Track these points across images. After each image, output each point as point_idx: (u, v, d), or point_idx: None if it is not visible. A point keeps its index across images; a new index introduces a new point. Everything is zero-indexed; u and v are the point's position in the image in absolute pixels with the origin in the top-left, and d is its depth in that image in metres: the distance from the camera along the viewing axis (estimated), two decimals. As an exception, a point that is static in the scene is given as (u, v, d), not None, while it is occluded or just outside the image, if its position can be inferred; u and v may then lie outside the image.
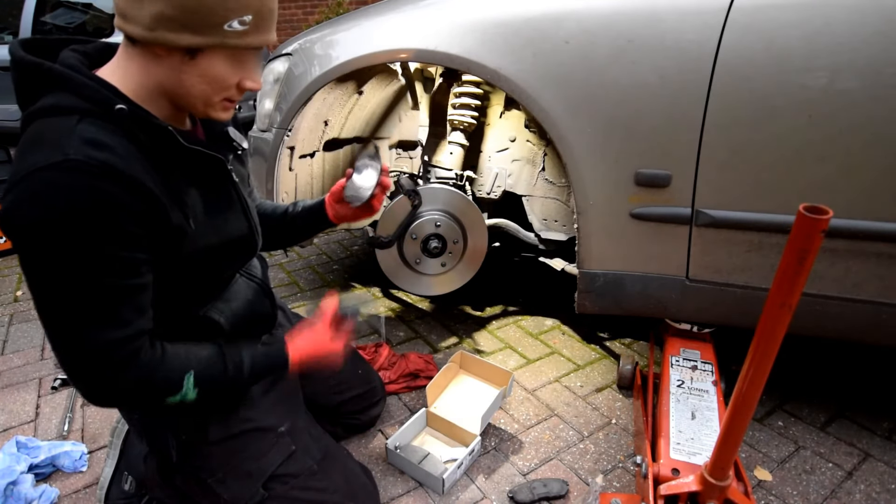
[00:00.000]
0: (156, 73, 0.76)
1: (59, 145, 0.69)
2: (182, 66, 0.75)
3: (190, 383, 0.84)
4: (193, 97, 0.78)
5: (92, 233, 0.70)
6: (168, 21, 0.70)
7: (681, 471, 1.07)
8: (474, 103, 1.68)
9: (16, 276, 2.38)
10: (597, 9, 1.25)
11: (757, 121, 1.16)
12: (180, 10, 0.69)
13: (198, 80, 0.76)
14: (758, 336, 0.78)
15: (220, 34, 0.73)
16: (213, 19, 0.71)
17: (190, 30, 0.71)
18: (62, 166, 0.67)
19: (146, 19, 0.70)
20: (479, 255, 1.72)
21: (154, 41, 0.71)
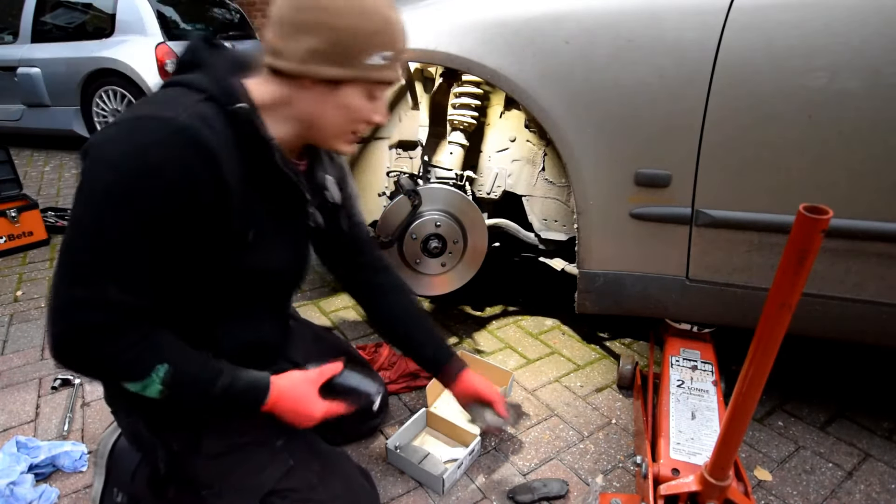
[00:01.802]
0: (296, 102, 0.83)
1: (176, 108, 0.74)
2: (324, 96, 0.82)
3: (158, 376, 0.80)
4: (327, 126, 0.85)
5: (159, 193, 0.72)
6: (318, 55, 0.78)
7: (681, 471, 1.07)
8: (474, 103, 1.67)
9: (16, 276, 2.38)
10: (597, 9, 1.25)
11: (757, 121, 1.16)
12: (332, 45, 0.77)
13: (335, 110, 0.83)
14: (758, 336, 0.78)
15: (362, 68, 0.80)
16: (358, 54, 0.79)
17: (337, 63, 0.79)
18: (169, 123, 0.72)
19: (300, 54, 0.78)
20: (479, 255, 1.72)
21: (304, 73, 0.79)
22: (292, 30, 0.78)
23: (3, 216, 2.53)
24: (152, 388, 0.81)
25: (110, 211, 0.72)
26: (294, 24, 0.77)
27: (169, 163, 0.72)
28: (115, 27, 4.42)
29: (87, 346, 0.76)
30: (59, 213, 3.08)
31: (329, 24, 0.76)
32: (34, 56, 4.63)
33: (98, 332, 0.75)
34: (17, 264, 2.50)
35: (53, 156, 4.84)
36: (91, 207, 0.73)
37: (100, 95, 4.55)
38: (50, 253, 2.63)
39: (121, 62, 4.33)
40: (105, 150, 0.72)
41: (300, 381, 0.98)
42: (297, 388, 0.97)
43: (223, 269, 0.85)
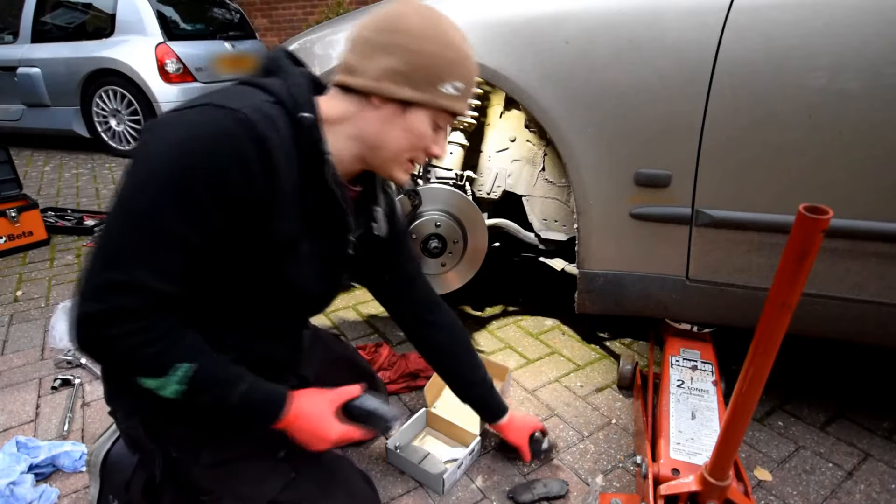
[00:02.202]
0: (363, 120, 0.83)
1: (243, 102, 0.73)
2: (391, 116, 0.82)
3: (178, 374, 0.76)
4: (388, 149, 0.84)
5: (210, 180, 0.70)
6: (395, 75, 0.79)
7: (681, 471, 1.07)
8: (474, 103, 1.67)
9: (16, 276, 2.38)
10: (597, 9, 1.25)
11: (757, 121, 1.16)
12: (410, 66, 0.78)
13: (400, 132, 0.83)
14: (758, 336, 0.78)
15: (435, 94, 0.81)
16: (433, 79, 0.80)
17: (412, 85, 0.79)
18: (232, 113, 0.71)
19: (375, 72, 0.79)
20: (479, 255, 1.72)
21: (377, 91, 0.79)
22: (372, 49, 0.79)
23: (3, 216, 2.53)
24: (170, 388, 0.77)
25: (158, 193, 0.69)
26: (375, 44, 0.79)
27: (225, 150, 0.70)
28: (115, 27, 4.42)
29: (114, 331, 0.71)
30: (59, 213, 3.09)
31: (411, 47, 0.78)
32: (34, 56, 4.63)
33: (128, 318, 0.71)
34: (17, 264, 2.50)
35: (53, 156, 4.84)
36: (139, 188, 0.70)
37: (100, 95, 4.56)
38: (50, 253, 2.63)
39: (121, 62, 4.33)
40: (164, 130, 0.71)
41: (319, 400, 0.93)
42: (316, 407, 0.91)
43: (254, 276, 0.82)
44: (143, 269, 0.71)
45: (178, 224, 0.71)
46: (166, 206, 0.70)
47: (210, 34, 4.90)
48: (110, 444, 1.08)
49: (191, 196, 0.70)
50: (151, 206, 0.69)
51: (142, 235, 0.70)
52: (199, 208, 0.71)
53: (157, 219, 0.70)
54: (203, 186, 0.70)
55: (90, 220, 2.97)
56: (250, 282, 0.83)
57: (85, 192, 3.69)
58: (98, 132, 4.71)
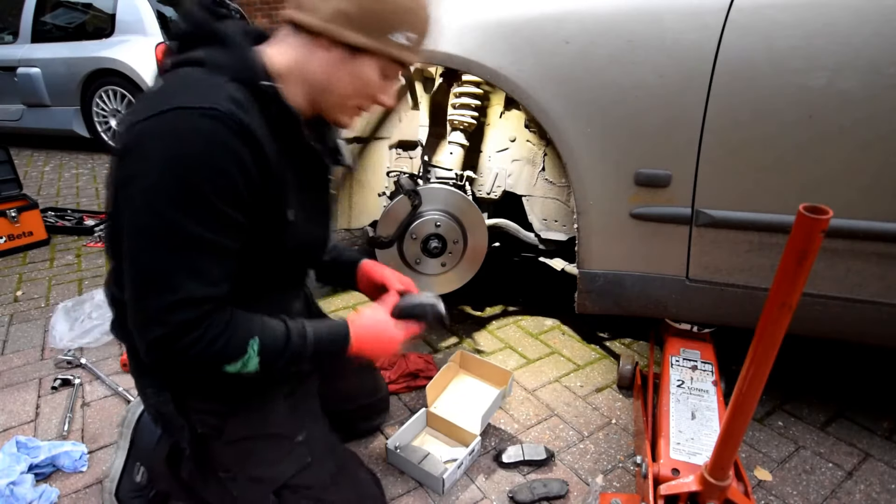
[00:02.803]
0: (311, 61, 0.82)
1: (208, 95, 0.73)
2: (340, 61, 0.81)
3: (254, 349, 0.82)
4: (335, 94, 0.84)
5: (212, 183, 0.72)
6: (346, 17, 0.77)
7: (681, 471, 1.07)
8: (474, 103, 1.67)
9: (16, 276, 2.39)
10: (597, 9, 1.25)
11: (757, 121, 1.16)
12: (362, 10, 0.77)
13: (348, 78, 0.82)
14: (758, 336, 0.78)
15: (384, 42, 0.80)
16: (384, 26, 0.79)
17: (362, 30, 0.78)
18: (209, 113, 0.71)
19: (326, 11, 0.77)
20: (479, 255, 1.72)
21: (326, 32, 0.78)
22: None
23: (3, 216, 2.53)
24: (251, 364, 0.82)
25: (175, 212, 0.72)
26: None
27: (218, 153, 0.72)
28: (115, 27, 4.42)
29: (186, 344, 0.76)
30: (59, 213, 3.09)
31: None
32: (34, 56, 4.63)
33: (192, 328, 0.76)
34: (17, 264, 2.50)
35: (53, 156, 4.84)
36: (154, 212, 0.72)
37: (100, 95, 4.55)
38: (50, 253, 2.63)
39: (121, 62, 4.33)
40: (153, 148, 0.71)
41: (374, 315, 0.99)
42: (375, 321, 0.98)
43: (268, 249, 0.85)
44: (190, 283, 0.75)
45: (205, 233, 0.74)
46: (187, 221, 0.72)
47: None
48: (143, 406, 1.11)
49: (205, 204, 0.73)
50: (174, 225, 0.72)
51: (177, 254, 0.73)
52: (216, 213, 0.74)
53: (184, 235, 0.73)
54: (212, 192, 0.73)
55: (90, 220, 2.97)
56: (265, 255, 0.86)
57: (85, 192, 3.69)
58: (98, 132, 4.71)
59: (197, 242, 0.74)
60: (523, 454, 1.30)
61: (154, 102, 0.74)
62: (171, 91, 0.75)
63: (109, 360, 1.73)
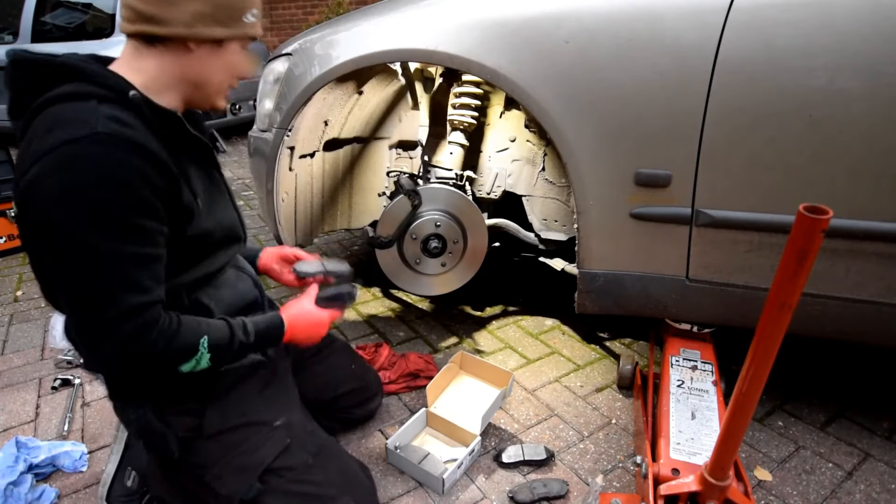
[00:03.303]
0: (179, 65, 0.87)
1: (85, 121, 0.75)
2: (209, 56, 0.87)
3: (204, 347, 0.89)
4: (211, 84, 0.91)
5: (118, 201, 0.76)
6: (204, 17, 0.83)
7: (681, 471, 1.07)
8: (474, 103, 1.68)
9: (16, 276, 2.38)
10: (597, 8, 1.25)
11: (757, 120, 1.16)
12: (215, 7, 0.83)
13: (219, 68, 0.90)
14: (758, 336, 0.78)
15: (240, 25, 0.88)
16: (236, 13, 0.87)
17: (221, 24, 0.85)
18: (91, 138, 0.74)
19: (185, 17, 0.82)
20: (479, 255, 1.72)
21: (192, 36, 0.84)
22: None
23: (3, 216, 2.53)
24: (203, 360, 0.89)
25: (93, 237, 0.75)
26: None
27: (112, 172, 0.75)
28: (115, 27, 4.41)
29: (139, 351, 0.82)
30: (59, 213, 3.08)
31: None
32: (34, 56, 4.63)
33: (141, 335, 0.81)
34: (17, 264, 2.50)
35: (53, 156, 4.85)
36: (73, 243, 0.75)
37: (100, 95, 4.56)
38: (50, 253, 2.63)
39: (121, 62, 4.33)
40: (48, 192, 0.74)
41: (299, 302, 1.09)
42: (303, 310, 1.08)
43: (184, 242, 0.89)
44: (126, 296, 0.79)
45: (126, 247, 0.78)
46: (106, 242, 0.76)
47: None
48: None
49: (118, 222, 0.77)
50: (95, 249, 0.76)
51: (106, 273, 0.78)
52: (131, 227, 0.78)
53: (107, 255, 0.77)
54: (122, 209, 0.76)
55: (90, 220, 2.97)
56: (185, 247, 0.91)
57: (85, 192, 3.68)
58: (98, 132, 4.71)
59: (120, 258, 0.78)
60: (523, 454, 1.30)
61: (33, 151, 0.75)
62: (44, 133, 0.76)
63: (109, 360, 1.73)
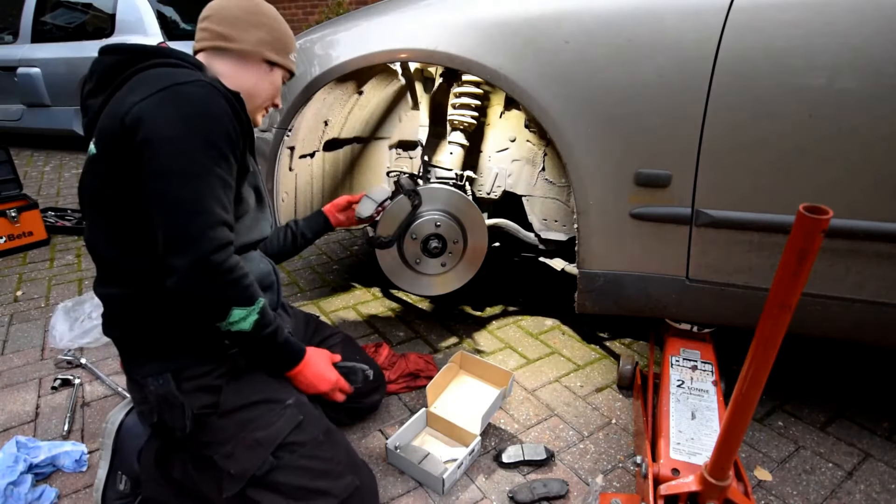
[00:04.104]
0: (243, 74, 1.12)
1: (188, 74, 0.95)
2: (263, 73, 1.14)
3: (259, 306, 0.99)
4: (259, 97, 1.15)
5: (218, 134, 0.93)
6: (267, 44, 1.13)
7: (681, 471, 1.07)
8: (474, 103, 1.68)
9: (16, 276, 2.39)
10: (597, 9, 1.25)
11: (757, 120, 1.16)
12: (274, 38, 1.14)
13: (268, 85, 1.16)
14: (758, 336, 0.78)
15: (287, 59, 1.18)
16: (287, 49, 1.17)
17: (276, 51, 1.14)
18: (196, 83, 0.93)
19: (252, 40, 1.11)
20: (479, 255, 1.72)
21: (256, 54, 1.12)
22: (244, 24, 1.10)
23: (3, 216, 2.53)
24: (251, 318, 0.98)
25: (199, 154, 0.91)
26: (245, 21, 1.10)
27: (216, 110, 0.93)
28: (115, 27, 4.42)
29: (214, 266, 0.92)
30: (59, 213, 3.09)
31: (271, 25, 1.13)
32: (34, 56, 4.63)
33: (220, 249, 0.92)
34: (17, 264, 2.50)
35: (53, 156, 4.84)
36: (182, 156, 0.89)
37: (100, 95, 4.55)
38: (50, 253, 2.63)
39: (121, 62, 4.32)
40: (166, 113, 0.89)
41: (320, 352, 1.19)
42: (320, 359, 1.17)
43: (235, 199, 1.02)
44: (218, 209, 0.93)
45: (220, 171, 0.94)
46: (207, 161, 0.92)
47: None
48: (125, 412, 1.18)
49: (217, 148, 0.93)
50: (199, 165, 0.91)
51: (205, 187, 0.91)
52: (224, 155, 0.94)
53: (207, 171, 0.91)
54: (220, 139, 0.93)
55: (90, 220, 2.96)
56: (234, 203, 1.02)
57: (85, 192, 3.68)
58: (98, 132, 4.70)
59: (216, 177, 0.92)
60: (523, 454, 1.30)
61: (140, 93, 0.91)
62: (154, 79, 0.94)
63: (109, 360, 1.73)
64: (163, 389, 1.02)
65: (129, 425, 1.17)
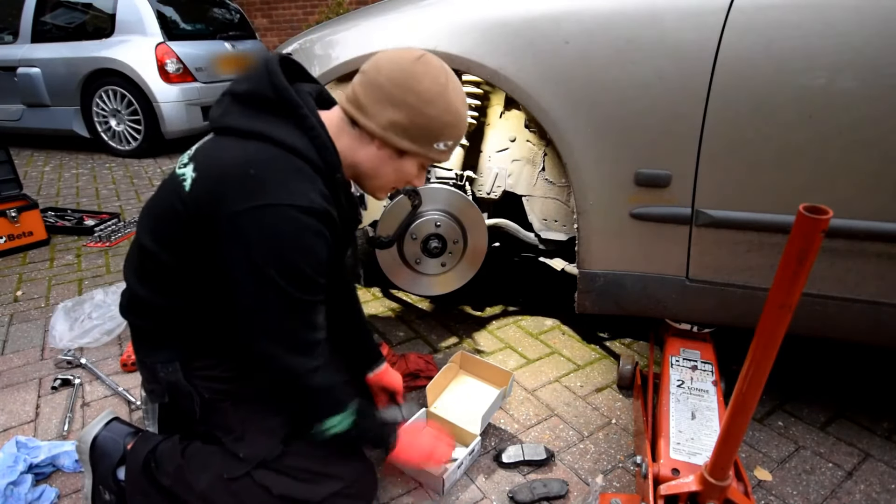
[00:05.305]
0: (362, 153, 0.97)
1: (305, 192, 0.88)
2: (388, 158, 0.97)
3: (353, 409, 1.00)
4: (379, 180, 1.01)
5: (316, 263, 0.90)
6: (399, 129, 0.92)
7: (681, 471, 1.07)
8: (474, 103, 1.67)
9: (16, 276, 2.39)
10: (597, 9, 1.25)
11: (757, 121, 1.16)
12: (413, 125, 0.92)
13: (392, 171, 0.99)
14: (758, 336, 0.78)
15: (428, 148, 0.96)
16: (430, 139, 0.95)
17: (410, 139, 0.94)
18: (309, 210, 0.87)
19: (383, 120, 0.92)
20: (479, 255, 1.72)
21: (381, 137, 0.94)
22: (384, 98, 0.91)
23: (3, 216, 2.53)
24: (347, 420, 1.00)
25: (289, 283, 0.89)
26: (387, 95, 0.90)
27: (319, 243, 0.90)
28: (115, 27, 4.42)
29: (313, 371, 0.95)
30: (59, 213, 3.09)
31: (417, 108, 0.91)
32: (34, 56, 4.63)
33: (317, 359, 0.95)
34: (17, 264, 2.50)
35: (53, 156, 4.84)
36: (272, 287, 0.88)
37: (100, 95, 4.55)
38: (50, 253, 2.63)
39: (121, 62, 4.33)
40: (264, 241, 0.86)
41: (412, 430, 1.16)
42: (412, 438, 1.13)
43: None
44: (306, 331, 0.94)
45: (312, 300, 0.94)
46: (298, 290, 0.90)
47: (210, 34, 4.90)
48: (98, 429, 1.15)
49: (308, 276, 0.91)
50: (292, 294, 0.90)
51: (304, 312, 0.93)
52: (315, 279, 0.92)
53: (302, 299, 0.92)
54: (312, 268, 0.91)
55: (90, 220, 2.97)
56: None
57: (85, 192, 3.69)
58: (98, 132, 4.70)
59: (308, 305, 0.93)
60: (523, 454, 1.30)
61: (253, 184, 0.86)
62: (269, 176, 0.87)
63: (109, 360, 1.73)
64: (172, 377, 1.05)
65: (103, 441, 1.13)
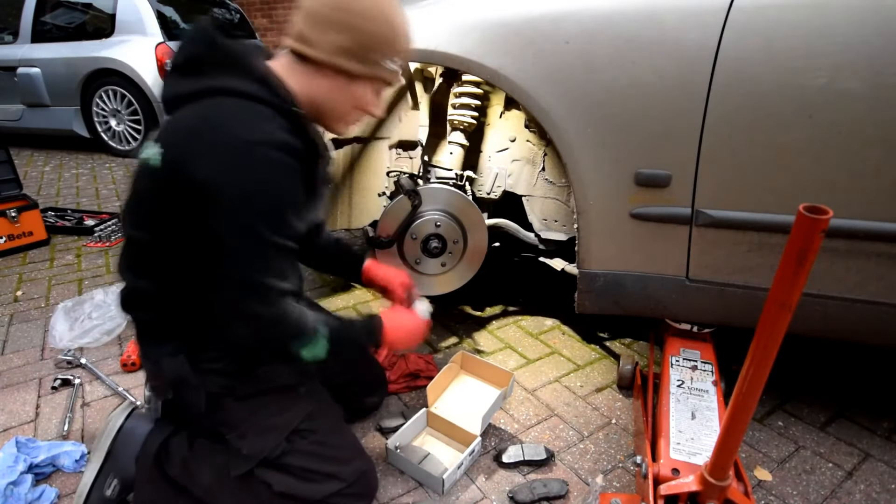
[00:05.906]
0: (315, 86, 0.95)
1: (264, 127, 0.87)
2: (340, 85, 0.95)
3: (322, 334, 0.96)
4: (337, 111, 1.00)
5: (284, 201, 0.89)
6: (346, 52, 0.91)
7: (681, 471, 1.07)
8: (474, 103, 1.67)
9: (16, 276, 2.38)
10: (596, 9, 1.25)
11: (757, 121, 1.16)
12: (359, 45, 0.91)
13: (347, 98, 0.97)
14: (758, 336, 0.78)
15: (377, 68, 0.95)
16: (378, 57, 0.94)
17: (359, 61, 0.93)
18: (272, 143, 0.86)
19: (329, 46, 0.91)
20: (479, 255, 1.72)
21: (329, 64, 0.92)
22: (325, 25, 0.90)
23: (3, 216, 2.53)
24: (320, 346, 0.96)
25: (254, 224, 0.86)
26: (327, 20, 0.89)
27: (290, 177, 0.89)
28: (115, 27, 4.42)
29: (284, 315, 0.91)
30: (59, 213, 3.09)
31: (359, 27, 0.90)
32: (34, 56, 4.63)
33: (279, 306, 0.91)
34: (17, 264, 2.50)
35: (53, 156, 4.84)
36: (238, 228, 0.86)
37: (100, 95, 4.56)
38: (50, 253, 2.63)
39: (121, 62, 4.33)
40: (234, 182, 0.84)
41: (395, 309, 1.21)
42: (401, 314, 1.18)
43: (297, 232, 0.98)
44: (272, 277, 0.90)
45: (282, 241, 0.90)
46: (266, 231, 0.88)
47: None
48: (125, 414, 1.16)
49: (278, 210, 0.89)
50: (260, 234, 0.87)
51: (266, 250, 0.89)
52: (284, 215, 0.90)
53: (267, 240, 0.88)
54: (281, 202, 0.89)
55: (90, 220, 2.97)
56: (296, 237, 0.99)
57: (85, 192, 3.69)
58: (98, 132, 4.71)
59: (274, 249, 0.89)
60: (523, 454, 1.30)
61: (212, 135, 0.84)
62: (225, 123, 0.85)
63: (109, 360, 1.73)
64: (179, 369, 1.03)
65: (129, 428, 1.15)
